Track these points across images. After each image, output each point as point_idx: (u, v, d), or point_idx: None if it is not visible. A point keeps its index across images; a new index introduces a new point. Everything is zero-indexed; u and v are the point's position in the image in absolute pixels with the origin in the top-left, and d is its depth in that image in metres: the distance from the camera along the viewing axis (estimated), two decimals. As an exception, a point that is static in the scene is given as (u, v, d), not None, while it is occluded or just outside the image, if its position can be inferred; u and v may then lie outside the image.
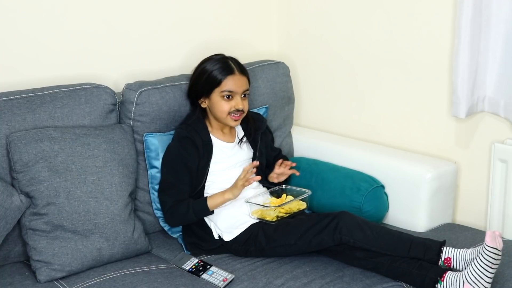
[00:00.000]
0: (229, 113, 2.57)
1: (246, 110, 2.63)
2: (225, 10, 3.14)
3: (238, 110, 2.58)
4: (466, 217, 2.77)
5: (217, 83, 2.56)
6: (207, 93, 2.59)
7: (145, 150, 2.63)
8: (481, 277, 2.10)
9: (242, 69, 2.62)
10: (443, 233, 2.57)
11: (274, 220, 2.48)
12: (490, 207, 2.63)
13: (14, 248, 2.39)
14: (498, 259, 2.11)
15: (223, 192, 2.53)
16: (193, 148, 2.55)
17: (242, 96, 2.60)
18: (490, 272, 2.10)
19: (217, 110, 2.58)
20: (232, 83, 2.57)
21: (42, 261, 2.29)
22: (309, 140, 3.07)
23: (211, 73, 2.57)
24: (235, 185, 2.51)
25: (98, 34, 2.77)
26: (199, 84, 2.60)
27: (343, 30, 3.03)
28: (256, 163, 2.58)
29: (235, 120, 2.60)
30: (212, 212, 2.52)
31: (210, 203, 2.51)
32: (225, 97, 2.56)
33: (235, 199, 2.54)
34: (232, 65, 2.59)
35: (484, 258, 2.10)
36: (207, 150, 2.58)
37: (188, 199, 2.54)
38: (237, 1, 3.18)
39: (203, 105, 2.63)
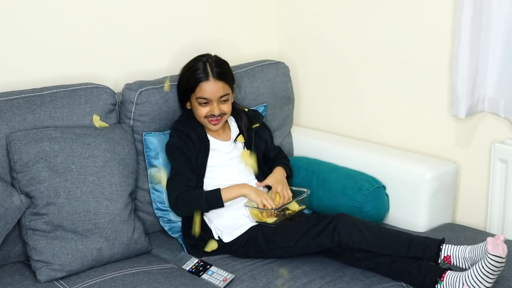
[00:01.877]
0: (206, 117, 2.57)
1: (227, 112, 2.60)
2: (225, 9, 3.14)
3: (214, 115, 2.57)
4: (466, 217, 2.77)
5: (192, 89, 2.56)
6: (187, 98, 2.60)
7: (144, 150, 2.63)
8: (481, 282, 2.10)
9: (220, 74, 2.56)
10: (443, 233, 2.57)
11: (273, 222, 2.47)
12: (490, 207, 2.63)
13: (14, 248, 2.39)
14: (501, 266, 2.10)
15: (240, 186, 2.51)
16: (189, 141, 2.56)
17: (220, 101, 2.57)
18: (491, 278, 2.10)
19: (196, 114, 2.59)
20: (206, 90, 2.54)
21: (42, 261, 2.29)
22: (309, 140, 3.07)
23: (189, 78, 2.57)
24: (259, 191, 2.50)
25: (98, 34, 2.77)
26: (180, 87, 2.63)
27: (343, 30, 3.03)
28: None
29: (214, 124, 2.59)
30: (223, 205, 2.48)
31: (224, 195, 2.47)
32: (202, 103, 2.56)
33: (236, 200, 2.54)
34: (209, 70, 2.55)
35: (486, 265, 2.09)
36: (203, 146, 2.58)
37: (201, 189, 2.52)
38: (238, 1, 3.18)
39: (188, 107, 2.64)
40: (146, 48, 2.91)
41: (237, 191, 2.50)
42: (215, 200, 2.47)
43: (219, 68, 2.57)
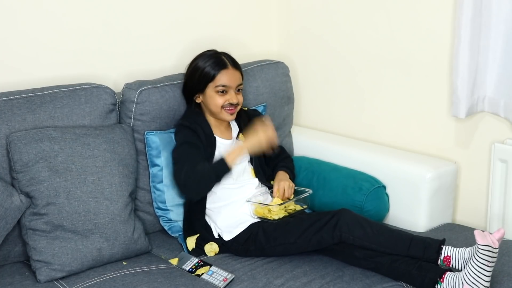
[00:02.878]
0: (223, 106, 2.59)
1: (240, 103, 2.65)
2: (225, 9, 3.14)
3: (232, 104, 2.60)
4: (466, 217, 2.77)
5: (211, 78, 2.58)
6: (202, 89, 2.60)
7: (146, 148, 2.64)
8: (479, 277, 2.10)
9: (235, 64, 2.65)
10: (443, 233, 2.57)
11: (276, 219, 2.47)
12: (490, 207, 2.63)
13: (14, 248, 2.39)
14: (493, 257, 2.10)
15: (239, 146, 2.54)
16: (196, 137, 2.57)
17: (236, 90, 2.62)
18: (487, 271, 2.10)
19: (212, 104, 2.60)
20: (226, 77, 2.59)
21: (42, 261, 2.29)
22: (309, 140, 3.07)
23: (204, 68, 2.59)
24: (256, 137, 2.54)
25: (98, 33, 2.77)
26: (193, 80, 2.63)
27: (343, 30, 3.03)
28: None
29: (231, 114, 2.62)
30: (230, 169, 2.50)
31: (229, 159, 2.49)
32: (219, 92, 2.58)
33: (237, 199, 2.55)
34: (225, 59, 2.62)
35: (479, 257, 2.10)
36: (209, 143, 2.59)
37: (208, 163, 2.52)
38: (238, 1, 3.18)
39: (198, 101, 2.64)
40: (145, 48, 2.92)
41: (238, 150, 2.53)
42: (221, 166, 2.49)
43: (233, 60, 2.65)
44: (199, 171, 2.48)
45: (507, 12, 2.45)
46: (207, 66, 2.59)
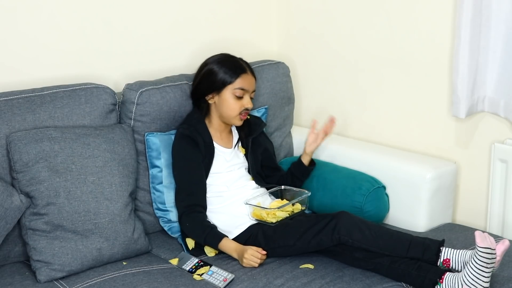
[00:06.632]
0: (240, 113, 2.60)
1: (250, 109, 2.67)
2: (225, 10, 3.14)
3: (247, 109, 2.61)
4: (466, 217, 2.77)
5: (230, 80, 2.58)
6: (218, 90, 2.59)
7: (146, 150, 2.64)
8: (478, 278, 2.10)
9: (252, 70, 2.67)
10: (443, 233, 2.57)
11: (273, 222, 2.47)
12: (490, 207, 2.64)
13: (14, 248, 2.39)
14: (492, 258, 2.11)
15: (236, 249, 2.40)
16: (195, 147, 2.56)
17: (251, 95, 2.64)
18: (486, 272, 2.10)
19: (227, 108, 2.59)
20: (246, 81, 2.61)
21: (42, 261, 2.29)
22: (309, 140, 3.07)
23: (222, 71, 2.58)
24: (242, 255, 2.37)
25: (98, 34, 2.77)
26: (207, 82, 2.61)
27: (343, 30, 3.03)
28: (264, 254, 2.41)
29: (241, 119, 2.63)
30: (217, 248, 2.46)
31: (222, 244, 2.43)
32: (236, 95, 2.58)
33: (236, 199, 2.56)
34: (244, 64, 2.64)
35: (479, 259, 2.09)
36: (209, 152, 2.59)
37: (210, 225, 2.48)
38: (237, 1, 3.18)
39: (211, 101, 2.63)
40: (146, 48, 2.92)
41: (231, 251, 2.42)
42: (213, 240, 2.46)
43: (249, 65, 2.67)
44: (193, 224, 2.49)
45: (507, 12, 2.45)
46: (226, 68, 2.58)
